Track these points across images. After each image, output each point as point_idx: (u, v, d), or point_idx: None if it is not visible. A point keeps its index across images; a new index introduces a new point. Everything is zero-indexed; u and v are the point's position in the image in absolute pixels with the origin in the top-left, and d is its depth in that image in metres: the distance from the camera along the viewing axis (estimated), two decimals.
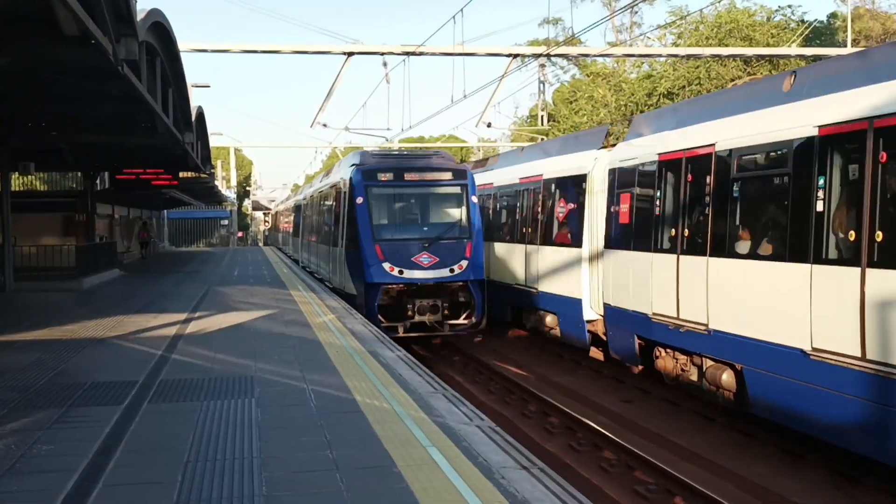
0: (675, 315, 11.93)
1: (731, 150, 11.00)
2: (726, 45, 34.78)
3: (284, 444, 7.48)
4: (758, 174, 10.77)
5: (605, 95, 43.06)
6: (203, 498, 6.11)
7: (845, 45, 30.97)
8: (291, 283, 26.15)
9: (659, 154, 12.89)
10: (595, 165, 15.51)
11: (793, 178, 9.75)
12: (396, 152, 25.86)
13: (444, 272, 17.83)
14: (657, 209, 12.83)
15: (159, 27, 16.81)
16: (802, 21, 38.98)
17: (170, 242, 67.39)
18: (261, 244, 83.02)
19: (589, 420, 11.84)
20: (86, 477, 6.61)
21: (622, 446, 10.50)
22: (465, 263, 17.90)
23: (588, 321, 15.44)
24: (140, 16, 14.17)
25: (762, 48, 33.93)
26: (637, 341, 13.34)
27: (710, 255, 11.20)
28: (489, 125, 32.74)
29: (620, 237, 14.15)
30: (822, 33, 43.36)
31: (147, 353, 12.52)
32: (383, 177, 19.16)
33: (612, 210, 14.43)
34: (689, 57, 34.23)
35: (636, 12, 52.87)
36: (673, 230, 12.30)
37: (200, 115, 29.01)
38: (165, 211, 61.98)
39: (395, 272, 18.04)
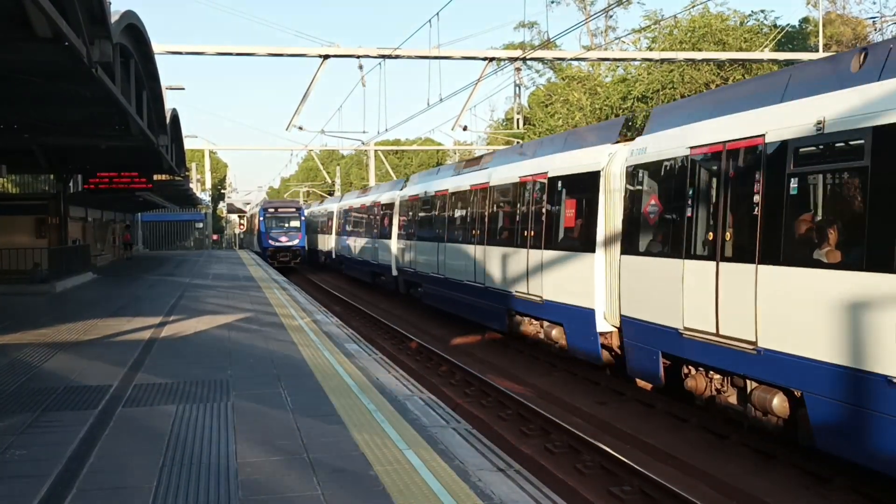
0: (714, 331, 10.34)
1: (786, 141, 9.44)
2: (700, 50, 35.12)
3: (260, 448, 7.46)
4: (823, 168, 9.24)
5: (581, 99, 43.31)
6: (179, 502, 6.09)
7: (817, 50, 31.36)
8: (268, 286, 26.06)
9: (691, 147, 11.20)
10: (610, 161, 13.80)
11: (872, 172, 8.17)
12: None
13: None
14: (689, 210, 11.11)
15: (133, 29, 16.69)
16: (775, 26, 39.42)
17: (144, 246, 66.80)
18: (236, 248, 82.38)
19: (564, 422, 11.89)
20: (59, 482, 6.57)
21: (597, 448, 10.57)
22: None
23: (601, 333, 13.82)
24: (114, 17, 14.06)
25: (735, 52, 34.28)
26: (661, 358, 11.75)
27: (760, 263, 9.58)
28: (465, 128, 32.79)
29: (642, 241, 12.48)
30: (794, 38, 43.86)
31: (121, 357, 12.43)
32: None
33: (631, 211, 12.83)
34: (663, 61, 34.50)
35: (611, 16, 53.24)
36: (710, 233, 10.61)
37: (175, 117, 28.79)
38: (139, 214, 61.43)
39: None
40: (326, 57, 25.40)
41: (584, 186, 14.51)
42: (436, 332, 22.51)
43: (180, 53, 25.07)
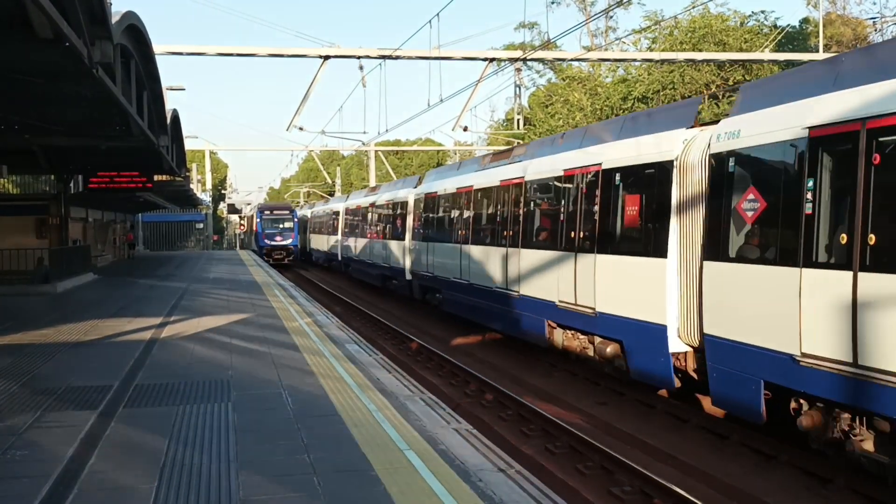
0: (850, 360, 8.23)
1: None
2: (700, 50, 35.11)
3: (261, 447, 7.47)
4: None
5: (581, 99, 43.32)
6: (179, 503, 6.10)
7: (817, 51, 31.36)
8: (271, 292, 26.07)
9: (811, 127, 9.02)
10: (687, 149, 11.52)
11: None
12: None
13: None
14: (809, 206, 8.94)
15: (134, 29, 16.69)
16: (775, 26, 39.41)
17: (144, 246, 66.84)
18: (236, 248, 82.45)
19: (564, 423, 11.89)
20: (60, 482, 6.57)
21: (598, 448, 10.57)
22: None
23: (674, 354, 11.65)
24: (115, 18, 14.08)
25: (735, 53, 34.28)
26: (763, 389, 9.65)
27: None
28: (465, 129, 32.80)
29: (734, 244, 10.30)
30: (794, 38, 43.86)
31: (122, 357, 12.44)
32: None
33: (718, 207, 10.62)
34: (663, 61, 34.51)
35: (611, 17, 53.25)
36: (844, 236, 8.44)
37: (175, 117, 28.81)
38: (140, 214, 61.47)
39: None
40: (327, 57, 25.42)
41: (652, 179, 12.30)
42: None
43: (181, 54, 25.10)
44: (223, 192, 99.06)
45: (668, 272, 11.50)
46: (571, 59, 37.37)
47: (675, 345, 11.53)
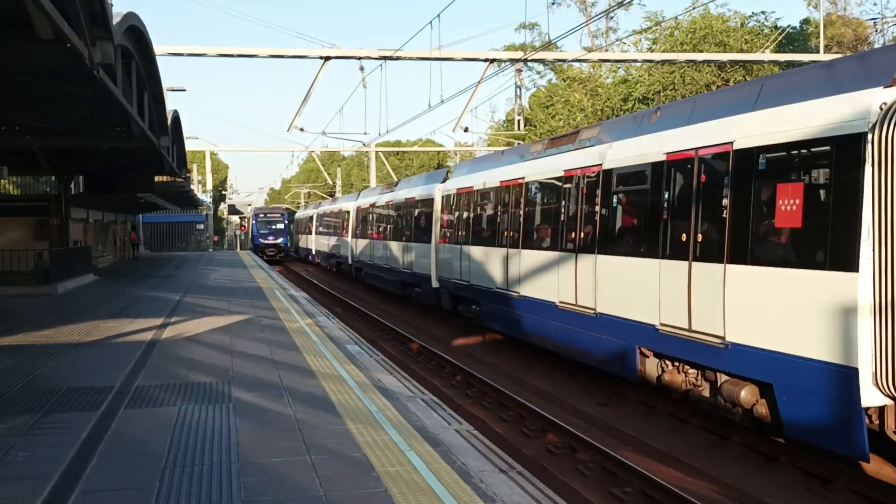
0: None
1: None
2: (701, 51, 35.11)
3: (262, 448, 7.47)
4: None
5: (582, 100, 43.32)
6: (181, 503, 6.10)
7: (818, 51, 31.37)
8: (273, 296, 26.06)
9: None
10: (889, 116, 8.26)
11: None
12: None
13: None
14: None
15: (135, 30, 16.71)
16: (776, 27, 39.41)
17: (145, 247, 66.82)
18: (238, 249, 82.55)
19: (565, 423, 11.89)
20: (62, 484, 6.57)
21: (599, 449, 10.57)
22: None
23: (867, 408, 8.42)
24: (115, 19, 14.10)
25: (736, 54, 34.29)
26: None
27: None
28: (466, 130, 32.83)
29: None
30: (795, 39, 43.86)
31: (123, 358, 12.44)
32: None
33: None
34: (664, 62, 34.53)
35: (612, 18, 53.26)
36: None
37: (176, 118, 28.83)
38: (140, 215, 61.47)
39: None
40: (327, 58, 25.44)
41: (824, 160, 9.13)
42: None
43: (181, 55, 25.13)
44: (223, 192, 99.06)
45: (861, 293, 8.24)
46: (572, 60, 37.40)
47: (871, 395, 8.27)
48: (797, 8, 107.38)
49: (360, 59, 26.02)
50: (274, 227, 62.30)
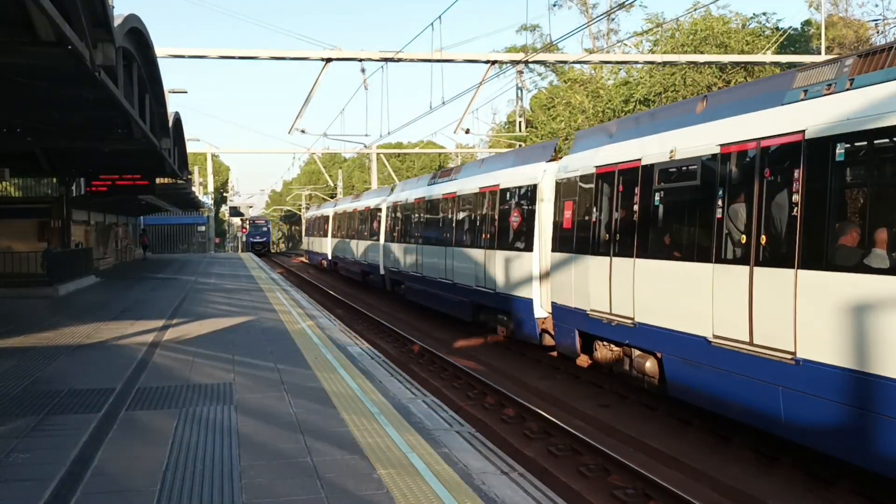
0: None
1: None
2: (702, 53, 35.10)
3: (264, 451, 7.47)
4: None
5: (583, 102, 43.30)
6: None
7: (819, 53, 31.36)
8: (271, 290, 26.07)
9: None
10: None
11: None
12: None
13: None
14: None
15: (136, 33, 16.72)
16: (777, 28, 39.40)
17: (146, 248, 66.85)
18: (239, 251, 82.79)
19: (567, 425, 11.89)
20: (63, 486, 6.57)
21: (600, 451, 10.56)
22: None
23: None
24: (117, 21, 14.10)
25: (737, 55, 34.27)
26: None
27: None
28: (467, 131, 32.78)
29: None
30: (796, 40, 43.85)
31: (124, 360, 12.44)
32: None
33: None
34: (665, 64, 34.51)
35: (613, 19, 53.25)
36: None
37: (177, 120, 28.86)
38: (142, 217, 61.52)
39: None
40: (329, 60, 25.44)
41: None
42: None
43: (183, 57, 25.11)
44: (225, 194, 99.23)
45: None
46: (573, 62, 37.37)
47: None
48: (798, 9, 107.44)
49: (361, 60, 26.02)
50: (261, 230, 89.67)
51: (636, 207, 12.46)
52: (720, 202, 10.33)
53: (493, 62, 27.40)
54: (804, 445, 9.13)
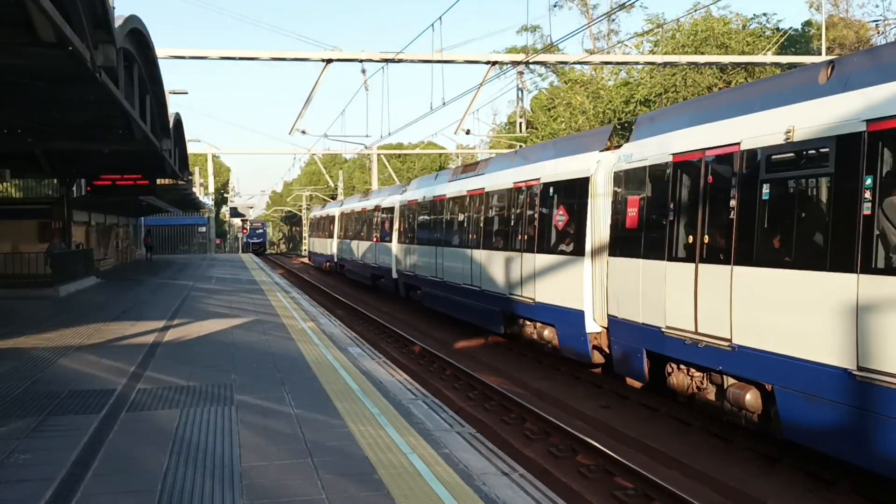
0: None
1: None
2: (702, 53, 35.12)
3: (264, 451, 7.46)
4: None
5: (583, 102, 43.31)
6: None
7: (820, 53, 31.36)
8: (271, 290, 26.07)
9: None
10: None
11: None
12: None
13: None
14: None
15: (137, 33, 16.72)
16: (777, 29, 39.42)
17: (147, 249, 66.87)
18: (240, 252, 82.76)
19: (567, 425, 11.88)
20: (64, 487, 6.57)
21: (601, 451, 10.55)
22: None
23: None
24: (117, 22, 14.10)
25: (738, 56, 34.29)
26: None
27: None
28: (468, 132, 32.80)
29: None
30: (796, 41, 43.86)
31: (125, 361, 12.44)
32: None
33: None
34: (665, 64, 34.51)
35: (613, 20, 53.26)
36: None
37: (178, 121, 28.86)
38: (142, 218, 61.58)
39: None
40: (329, 61, 25.45)
41: None
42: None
43: (183, 58, 25.12)
44: (225, 195, 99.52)
45: None
46: (574, 63, 37.37)
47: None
48: (799, 10, 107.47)
49: (361, 61, 26.02)
50: (257, 232, 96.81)
51: (733, 203, 10.17)
52: (868, 194, 8.17)
53: (494, 63, 27.40)
54: None
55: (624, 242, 12.97)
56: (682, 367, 11.52)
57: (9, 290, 23.78)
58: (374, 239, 33.48)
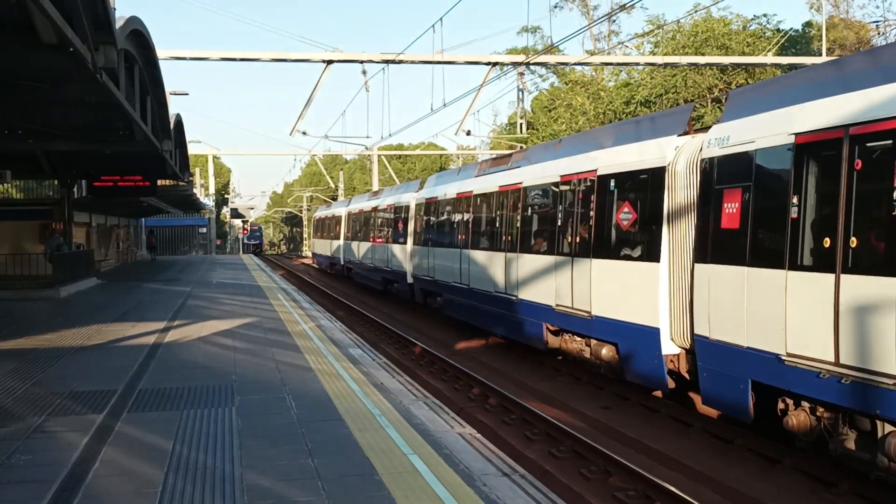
0: None
1: None
2: (703, 54, 35.13)
3: (265, 452, 7.47)
4: None
5: (584, 103, 43.33)
6: None
7: (820, 54, 31.36)
8: (272, 294, 26.07)
9: None
10: None
11: None
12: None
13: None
14: None
15: (138, 35, 16.75)
16: (778, 30, 39.42)
17: (147, 250, 66.90)
18: (240, 253, 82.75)
19: (568, 427, 11.87)
20: (65, 487, 6.57)
21: (602, 452, 10.55)
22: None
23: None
24: (118, 23, 14.13)
25: (738, 57, 34.29)
26: None
27: None
28: (469, 133, 32.83)
29: None
30: (797, 42, 43.85)
31: (126, 362, 12.44)
32: None
33: None
34: (666, 65, 34.51)
35: (614, 21, 53.28)
36: None
37: (179, 122, 28.90)
38: (143, 219, 61.61)
39: None
40: (330, 62, 25.47)
41: None
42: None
43: (184, 59, 25.17)
44: (226, 196, 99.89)
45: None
46: (574, 64, 37.41)
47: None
48: (799, 11, 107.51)
49: (362, 62, 26.06)
50: (255, 234, 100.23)
51: None
52: None
53: (495, 64, 27.43)
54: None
55: (718, 246, 10.52)
56: (810, 404, 9.19)
57: (10, 291, 23.78)
58: (387, 240, 30.78)
